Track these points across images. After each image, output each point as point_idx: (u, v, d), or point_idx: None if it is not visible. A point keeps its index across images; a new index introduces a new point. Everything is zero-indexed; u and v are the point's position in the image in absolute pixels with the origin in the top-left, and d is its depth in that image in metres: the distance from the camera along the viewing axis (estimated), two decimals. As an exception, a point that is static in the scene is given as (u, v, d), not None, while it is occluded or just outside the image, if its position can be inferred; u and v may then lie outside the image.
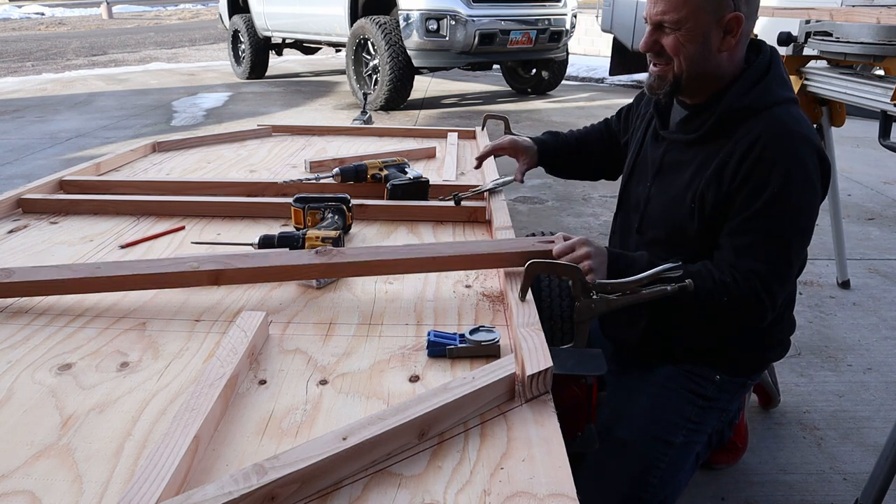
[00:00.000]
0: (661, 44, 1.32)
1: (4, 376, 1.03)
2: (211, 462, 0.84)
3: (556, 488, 0.79)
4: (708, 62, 1.31)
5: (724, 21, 1.27)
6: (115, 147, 5.38)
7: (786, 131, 1.28)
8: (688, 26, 1.28)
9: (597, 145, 1.78)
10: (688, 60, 1.31)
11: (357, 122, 3.49)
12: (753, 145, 1.27)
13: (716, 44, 1.29)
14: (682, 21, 1.28)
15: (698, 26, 1.28)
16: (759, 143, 1.27)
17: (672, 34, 1.30)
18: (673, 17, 1.28)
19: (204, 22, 21.93)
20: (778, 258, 1.28)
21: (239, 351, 1.03)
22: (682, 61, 1.31)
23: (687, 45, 1.29)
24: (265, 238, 1.46)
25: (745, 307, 1.28)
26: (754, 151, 1.27)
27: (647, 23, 1.34)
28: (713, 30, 1.28)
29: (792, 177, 1.26)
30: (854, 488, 1.77)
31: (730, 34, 1.29)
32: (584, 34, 11.18)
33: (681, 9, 1.27)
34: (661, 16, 1.29)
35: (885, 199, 4.28)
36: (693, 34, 1.28)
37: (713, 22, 1.27)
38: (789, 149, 1.27)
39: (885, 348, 2.51)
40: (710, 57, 1.30)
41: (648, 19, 1.33)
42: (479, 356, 1.08)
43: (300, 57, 11.22)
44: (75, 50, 14.24)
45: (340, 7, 7.40)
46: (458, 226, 1.72)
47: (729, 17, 1.27)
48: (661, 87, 1.37)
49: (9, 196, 1.81)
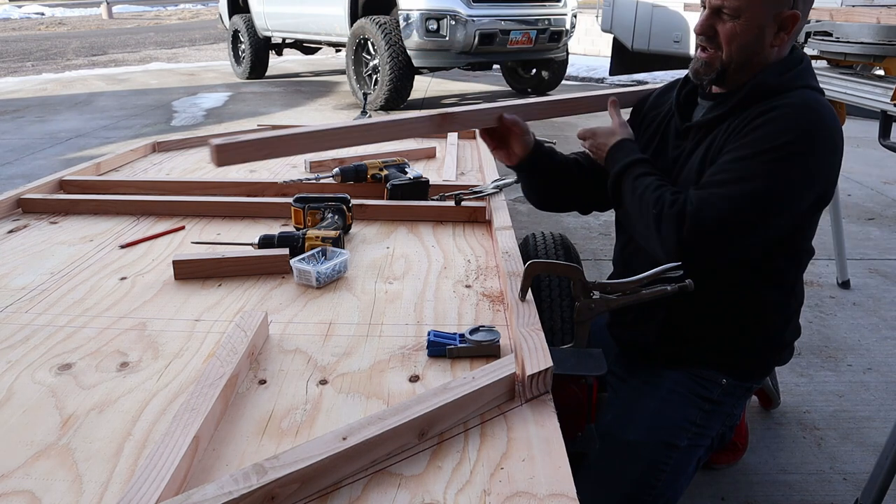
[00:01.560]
0: (716, 29, 1.30)
1: (4, 376, 1.03)
2: (211, 462, 0.84)
3: (556, 488, 0.79)
4: (758, 55, 1.30)
5: (781, 17, 1.27)
6: (115, 147, 5.38)
7: (810, 105, 1.26)
8: (746, 16, 1.26)
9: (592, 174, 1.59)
10: (739, 50, 1.29)
11: (357, 122, 3.49)
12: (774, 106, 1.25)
13: (769, 38, 1.28)
14: (741, 9, 1.26)
15: (756, 18, 1.26)
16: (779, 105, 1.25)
17: (729, 22, 1.28)
18: (734, 4, 1.26)
19: (204, 22, 21.93)
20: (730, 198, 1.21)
21: (239, 351, 1.03)
22: (733, 50, 1.30)
23: (742, 34, 1.28)
24: (265, 238, 1.46)
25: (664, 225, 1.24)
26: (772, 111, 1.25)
27: (705, 6, 1.32)
28: (769, 24, 1.27)
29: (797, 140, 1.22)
30: (854, 488, 1.77)
31: (784, 31, 1.28)
32: (584, 34, 11.18)
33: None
34: (722, 1, 1.27)
35: (885, 199, 4.28)
36: (750, 25, 1.27)
37: (770, 16, 1.26)
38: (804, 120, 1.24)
39: (885, 348, 2.51)
40: (761, 50, 1.30)
41: (707, 3, 1.32)
42: (479, 356, 1.08)
43: (300, 57, 11.22)
44: (75, 50, 14.24)
45: (340, 7, 7.40)
46: (458, 226, 1.72)
47: (787, 14, 1.26)
48: (708, 74, 1.35)
49: (9, 196, 1.81)
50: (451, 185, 1.92)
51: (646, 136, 1.53)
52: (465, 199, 1.77)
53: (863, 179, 4.67)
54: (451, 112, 1.39)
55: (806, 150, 1.23)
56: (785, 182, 1.22)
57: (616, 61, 7.37)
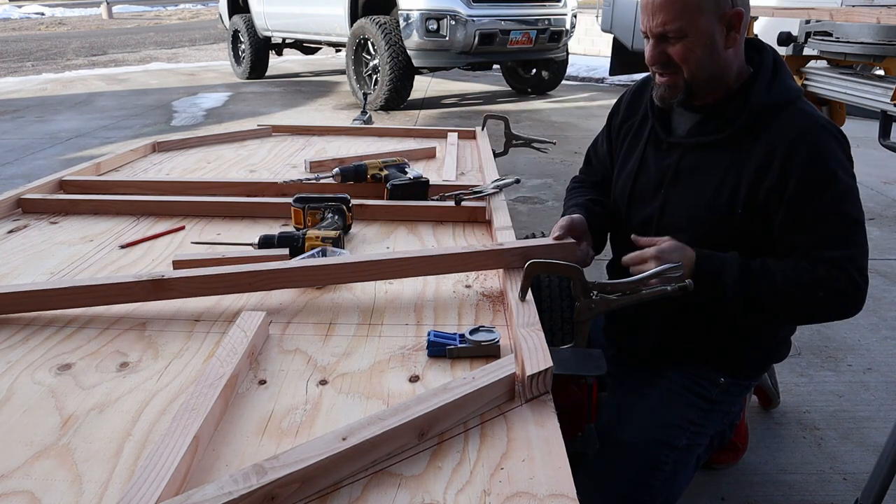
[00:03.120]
0: (668, 54, 1.30)
1: (4, 376, 1.03)
2: (211, 462, 0.84)
3: (556, 488, 0.79)
4: (717, 62, 1.30)
5: (725, 17, 1.27)
6: (115, 147, 5.38)
7: (817, 124, 1.30)
8: (692, 32, 1.26)
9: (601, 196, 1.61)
10: (698, 66, 1.29)
11: (357, 122, 3.49)
12: (797, 141, 1.27)
13: (721, 42, 1.29)
14: (685, 28, 1.26)
15: (702, 29, 1.26)
16: (803, 139, 1.27)
17: (678, 43, 1.28)
18: (676, 25, 1.26)
19: (204, 22, 21.92)
20: (859, 239, 1.28)
21: (239, 351, 1.03)
22: (692, 68, 1.30)
23: (695, 50, 1.28)
24: (265, 238, 1.46)
25: (842, 297, 1.27)
26: (802, 147, 1.27)
27: (648, 37, 1.32)
28: (717, 29, 1.27)
29: (839, 167, 1.28)
30: (854, 488, 1.77)
31: (733, 30, 1.28)
32: (584, 34, 11.18)
33: (682, 16, 1.25)
34: (663, 27, 1.27)
35: (885, 199, 4.28)
36: (699, 38, 1.27)
37: (715, 21, 1.27)
38: (826, 142, 1.28)
39: (885, 348, 2.51)
40: (719, 57, 1.30)
41: (648, 32, 1.31)
42: (478, 356, 1.08)
43: (300, 57, 11.22)
44: (75, 50, 14.24)
45: (340, 7, 7.40)
46: (458, 226, 1.72)
47: (731, 13, 1.27)
48: (674, 96, 1.34)
49: (9, 196, 1.81)
50: (451, 185, 1.92)
51: (624, 147, 1.53)
52: (465, 199, 1.77)
53: (863, 179, 4.63)
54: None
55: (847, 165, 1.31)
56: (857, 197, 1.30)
57: (616, 61, 7.37)
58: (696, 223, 1.37)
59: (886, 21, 2.25)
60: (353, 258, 1.33)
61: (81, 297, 1.21)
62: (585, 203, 1.55)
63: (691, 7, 1.25)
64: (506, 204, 1.74)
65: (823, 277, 1.25)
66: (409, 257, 1.30)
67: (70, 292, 1.21)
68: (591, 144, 1.71)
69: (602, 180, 1.65)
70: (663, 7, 1.26)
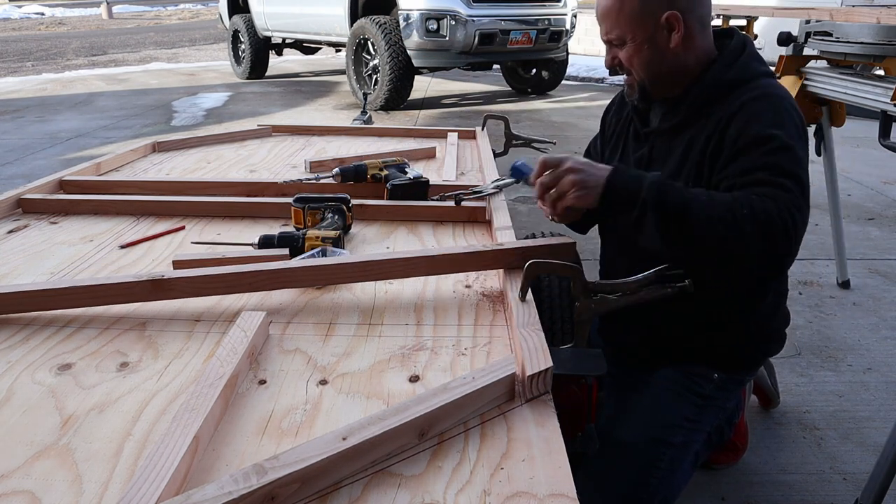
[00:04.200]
0: (619, 59, 1.37)
1: (4, 376, 1.03)
2: (211, 462, 0.84)
3: (556, 488, 0.79)
4: (664, 62, 1.34)
5: (661, 22, 1.30)
6: (115, 147, 5.38)
7: (774, 94, 1.30)
8: (630, 39, 1.33)
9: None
10: (644, 68, 1.35)
11: (357, 122, 3.49)
12: (742, 107, 1.28)
13: (663, 44, 1.32)
14: (623, 35, 1.33)
15: (639, 35, 1.32)
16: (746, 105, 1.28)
17: (621, 50, 1.35)
18: (616, 34, 1.34)
19: (204, 22, 21.92)
20: (794, 189, 1.17)
21: (239, 351, 1.03)
22: (639, 71, 1.36)
23: (636, 55, 1.34)
24: (265, 238, 1.46)
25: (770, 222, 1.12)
26: (743, 113, 1.27)
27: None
28: (656, 33, 1.31)
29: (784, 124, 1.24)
30: (854, 488, 1.77)
31: (674, 31, 1.31)
32: (584, 34, 11.17)
33: (617, 25, 1.33)
34: (607, 35, 1.36)
35: (885, 199, 4.28)
36: (637, 44, 1.33)
37: (651, 26, 1.31)
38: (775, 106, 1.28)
39: (885, 348, 2.51)
40: (665, 58, 1.34)
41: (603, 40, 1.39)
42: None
43: (300, 57, 11.22)
44: (75, 50, 14.24)
45: (340, 7, 7.40)
46: (458, 226, 1.72)
47: (668, 16, 1.30)
48: (632, 95, 1.42)
49: (9, 196, 1.81)
50: (451, 185, 1.92)
51: (612, 142, 1.58)
52: (465, 199, 1.77)
53: (863, 179, 4.67)
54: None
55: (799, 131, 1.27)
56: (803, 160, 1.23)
57: (616, 61, 7.36)
58: None
59: (886, 21, 2.25)
60: (353, 258, 1.33)
61: (81, 297, 1.21)
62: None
63: (626, 16, 1.31)
64: (506, 204, 1.74)
65: (752, 200, 1.14)
66: (409, 257, 1.30)
67: (70, 292, 1.21)
68: (592, 140, 1.74)
69: None
70: (604, 17, 1.35)
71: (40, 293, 1.20)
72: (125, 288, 1.21)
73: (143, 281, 1.21)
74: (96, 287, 1.22)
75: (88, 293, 1.21)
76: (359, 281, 1.33)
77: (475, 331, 1.18)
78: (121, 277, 1.25)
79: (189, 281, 1.23)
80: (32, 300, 1.20)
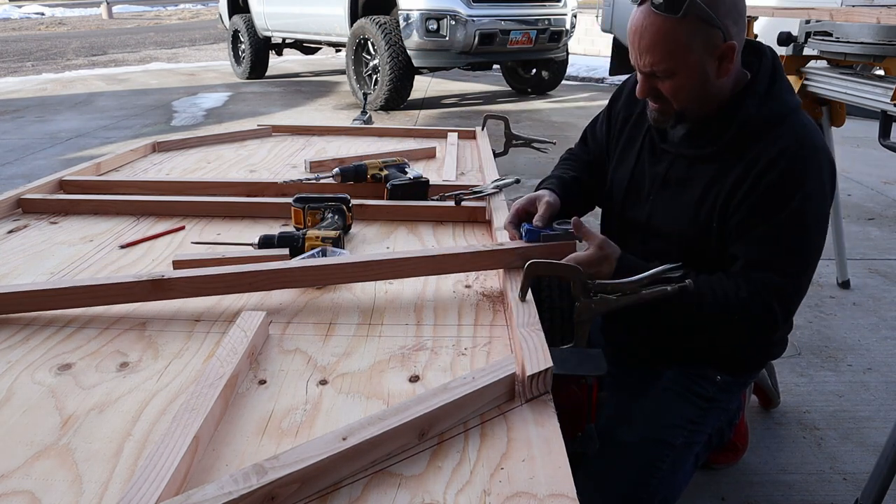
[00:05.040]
0: (658, 88, 1.29)
1: (4, 376, 1.03)
2: (211, 462, 0.84)
3: (556, 488, 0.79)
4: (709, 91, 1.28)
5: (717, 52, 1.23)
6: (115, 147, 5.38)
7: (807, 144, 1.26)
8: (682, 70, 1.24)
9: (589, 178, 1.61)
10: (688, 98, 1.28)
11: (357, 122, 3.49)
12: (776, 160, 1.25)
13: (713, 74, 1.26)
14: (673, 68, 1.24)
15: (692, 67, 1.24)
16: (782, 157, 1.25)
17: (668, 80, 1.26)
18: (664, 66, 1.24)
19: (204, 22, 21.92)
20: (797, 273, 1.28)
21: (239, 351, 1.03)
22: (682, 100, 1.29)
23: (685, 86, 1.26)
24: (265, 238, 1.46)
25: (754, 325, 1.29)
26: (778, 165, 1.25)
27: (637, 70, 1.31)
28: (708, 63, 1.24)
29: (813, 193, 1.25)
30: (854, 488, 1.77)
31: (726, 60, 1.25)
32: (584, 34, 11.18)
33: (670, 57, 1.23)
34: (652, 67, 1.25)
35: (885, 199, 4.28)
36: (689, 75, 1.25)
37: (707, 57, 1.24)
38: (810, 164, 1.26)
39: (885, 348, 2.51)
40: (710, 86, 1.28)
41: (637, 69, 1.30)
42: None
43: (300, 57, 11.22)
44: (75, 50, 14.24)
45: (340, 7, 7.40)
46: (458, 226, 1.72)
47: (723, 48, 1.23)
48: (666, 121, 1.35)
49: (9, 196, 1.81)
50: (451, 185, 1.92)
51: (620, 144, 1.52)
52: (465, 199, 1.77)
53: (863, 179, 4.67)
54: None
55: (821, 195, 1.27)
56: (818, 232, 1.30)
57: (616, 61, 7.35)
58: (680, 234, 1.38)
59: (886, 21, 2.25)
60: (353, 258, 1.33)
61: (81, 297, 1.21)
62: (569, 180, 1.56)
63: (680, 48, 1.22)
64: (506, 204, 1.74)
65: (744, 300, 1.25)
66: (409, 257, 1.30)
67: (70, 292, 1.21)
68: (591, 123, 1.68)
69: (594, 161, 1.63)
70: (650, 49, 1.23)
71: (40, 293, 1.20)
72: (125, 288, 1.21)
73: (143, 281, 1.21)
74: (96, 287, 1.22)
75: (88, 293, 1.21)
76: (359, 281, 1.33)
77: (475, 331, 1.18)
78: (121, 277, 1.25)
79: (189, 281, 1.22)
80: (32, 300, 1.20)
